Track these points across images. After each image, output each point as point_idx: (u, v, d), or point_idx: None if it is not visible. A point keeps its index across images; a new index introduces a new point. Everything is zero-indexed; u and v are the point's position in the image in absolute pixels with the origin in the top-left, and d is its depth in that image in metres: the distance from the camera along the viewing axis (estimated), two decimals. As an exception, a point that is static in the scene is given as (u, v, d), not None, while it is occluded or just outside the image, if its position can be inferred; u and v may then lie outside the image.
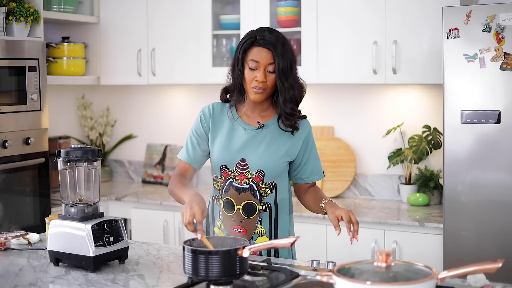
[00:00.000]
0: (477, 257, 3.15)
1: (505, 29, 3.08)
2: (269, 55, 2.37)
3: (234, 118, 2.50)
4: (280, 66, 2.37)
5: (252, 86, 2.40)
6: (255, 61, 2.38)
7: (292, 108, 2.43)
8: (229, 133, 2.49)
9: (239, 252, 1.91)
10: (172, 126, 4.66)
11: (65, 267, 2.28)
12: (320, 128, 4.16)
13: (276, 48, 2.37)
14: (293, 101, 2.43)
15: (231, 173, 2.46)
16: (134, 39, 4.37)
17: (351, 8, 3.77)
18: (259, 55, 2.38)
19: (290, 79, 2.40)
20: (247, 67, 2.40)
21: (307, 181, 2.56)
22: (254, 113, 2.50)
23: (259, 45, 2.38)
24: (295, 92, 2.43)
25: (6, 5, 3.71)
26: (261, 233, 2.47)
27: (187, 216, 2.13)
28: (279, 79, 2.38)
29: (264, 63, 2.38)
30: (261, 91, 2.40)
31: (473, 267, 1.71)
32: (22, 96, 3.69)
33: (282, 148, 2.46)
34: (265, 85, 2.39)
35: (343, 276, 1.66)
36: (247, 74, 2.40)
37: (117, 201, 4.18)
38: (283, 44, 2.39)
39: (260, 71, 2.38)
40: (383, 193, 4.05)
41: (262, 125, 2.47)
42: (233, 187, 2.46)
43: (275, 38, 2.39)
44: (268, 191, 2.45)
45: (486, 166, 3.17)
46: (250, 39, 2.41)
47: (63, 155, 2.28)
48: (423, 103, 3.95)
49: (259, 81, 2.37)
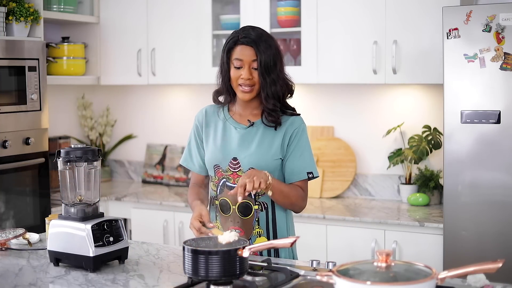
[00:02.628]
0: (477, 257, 3.15)
1: (505, 29, 3.08)
2: (252, 52, 2.41)
3: (226, 118, 2.54)
4: (262, 62, 2.40)
5: (239, 83, 2.43)
6: (239, 59, 2.42)
7: (274, 104, 2.44)
8: (221, 133, 2.52)
9: (239, 252, 1.91)
10: (172, 126, 4.66)
11: (65, 267, 2.28)
12: (320, 128, 4.16)
13: (258, 45, 2.40)
14: (275, 97, 2.44)
15: (224, 173, 2.48)
16: (134, 39, 4.37)
17: (351, 8, 3.77)
18: (242, 53, 2.42)
19: (273, 74, 2.42)
20: (232, 67, 2.44)
21: (288, 180, 2.49)
22: (245, 112, 2.53)
23: (242, 43, 2.42)
24: (277, 88, 2.44)
25: (6, 5, 3.71)
26: (259, 234, 2.47)
27: (195, 225, 2.33)
28: (261, 75, 2.41)
29: (248, 61, 2.41)
30: (248, 90, 2.43)
31: (473, 267, 1.71)
32: (22, 96, 3.69)
33: (273, 146, 2.46)
34: (252, 82, 2.42)
35: (343, 276, 1.66)
36: (233, 73, 2.44)
37: (117, 201, 4.18)
38: (266, 41, 2.42)
39: (245, 69, 2.41)
40: (383, 193, 4.05)
41: (252, 123, 2.50)
42: (227, 186, 2.47)
43: (258, 35, 2.43)
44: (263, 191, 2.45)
45: (486, 166, 3.17)
46: (233, 39, 2.45)
47: (63, 155, 2.28)
48: (423, 103, 3.95)
49: (244, 78, 2.41)
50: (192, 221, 2.35)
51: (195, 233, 2.33)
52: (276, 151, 2.46)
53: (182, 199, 4.05)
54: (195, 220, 2.34)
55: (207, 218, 2.34)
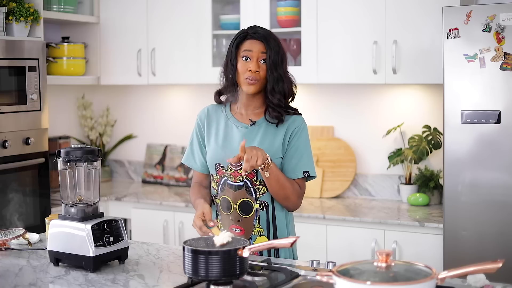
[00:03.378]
0: (477, 257, 3.15)
1: (505, 29, 3.08)
2: (261, 46, 2.46)
3: (227, 117, 2.55)
4: (271, 58, 2.44)
5: (246, 77, 2.45)
6: (249, 50, 2.45)
7: (280, 99, 2.46)
8: (223, 132, 2.53)
9: (239, 252, 1.91)
10: (172, 126, 4.66)
11: (65, 267, 2.28)
12: (320, 128, 4.16)
13: (268, 41, 2.46)
14: (281, 92, 2.47)
15: (226, 171, 2.49)
16: (134, 39, 4.37)
17: (351, 8, 3.77)
18: (251, 46, 2.46)
19: (280, 71, 2.46)
20: (240, 60, 2.47)
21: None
22: (247, 111, 2.54)
23: (252, 37, 2.48)
24: (284, 85, 2.48)
25: (6, 5, 3.71)
26: (259, 233, 2.47)
27: (197, 223, 2.34)
28: (269, 70, 2.44)
29: (257, 53, 2.45)
30: (254, 82, 2.45)
31: (473, 267, 1.71)
32: (22, 96, 3.69)
33: (274, 145, 2.46)
34: (258, 75, 2.44)
35: (343, 276, 1.66)
36: (240, 66, 2.46)
37: (117, 201, 4.18)
38: (274, 39, 2.49)
39: (253, 61, 2.45)
40: (383, 193, 4.05)
41: (253, 122, 2.51)
42: (228, 185, 2.48)
43: (267, 32, 2.50)
44: (264, 189, 2.45)
45: (486, 166, 3.17)
46: (242, 35, 2.50)
47: (63, 155, 2.28)
48: (423, 103, 3.95)
49: (252, 70, 2.43)
50: (194, 219, 2.37)
51: (197, 231, 2.35)
52: (277, 150, 2.47)
53: (182, 199, 4.05)
54: (197, 218, 2.36)
55: (209, 217, 2.35)
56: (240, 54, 2.47)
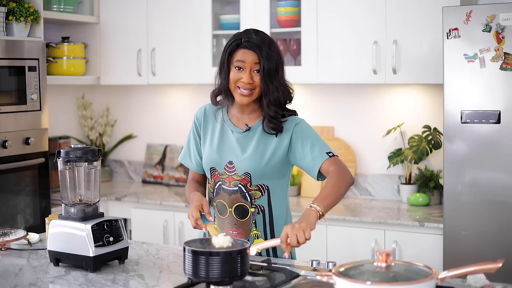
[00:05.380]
0: (477, 257, 3.15)
1: (505, 29, 3.08)
2: (254, 56, 2.36)
3: (224, 120, 2.50)
4: (265, 68, 2.35)
5: (238, 86, 2.38)
6: (241, 61, 2.36)
7: (276, 111, 2.39)
8: (218, 135, 2.49)
9: (247, 251, 1.91)
10: (172, 126, 4.66)
11: (65, 267, 2.28)
12: (320, 128, 4.16)
13: (261, 50, 2.35)
14: (277, 104, 2.40)
15: (220, 176, 2.46)
16: (134, 39, 4.37)
17: (351, 8, 3.77)
18: (244, 56, 2.36)
19: (276, 81, 2.38)
20: (233, 68, 2.39)
21: (312, 171, 2.40)
22: (243, 115, 2.48)
23: (245, 47, 2.37)
24: (280, 94, 2.39)
25: (6, 5, 3.71)
26: (257, 236, 2.45)
27: (193, 214, 2.29)
28: (263, 82, 2.36)
29: (249, 64, 2.36)
30: (247, 93, 2.37)
31: (473, 267, 1.71)
32: (22, 96, 3.69)
33: (268, 150, 2.41)
34: (252, 86, 2.37)
35: (343, 276, 1.66)
36: (233, 75, 2.38)
37: (117, 201, 4.18)
38: (269, 46, 2.38)
39: (246, 72, 2.36)
40: (383, 193, 4.05)
41: (248, 128, 2.45)
42: (223, 189, 2.46)
43: (261, 40, 2.38)
44: (259, 194, 2.42)
45: (486, 166, 3.17)
46: (236, 41, 2.39)
47: (63, 155, 2.28)
48: (423, 103, 3.95)
49: (244, 82, 2.36)
50: (192, 210, 2.31)
51: (192, 222, 2.29)
52: (272, 155, 2.41)
53: (182, 199, 4.05)
54: (195, 209, 2.30)
55: (208, 210, 2.31)
56: (233, 63, 2.39)
